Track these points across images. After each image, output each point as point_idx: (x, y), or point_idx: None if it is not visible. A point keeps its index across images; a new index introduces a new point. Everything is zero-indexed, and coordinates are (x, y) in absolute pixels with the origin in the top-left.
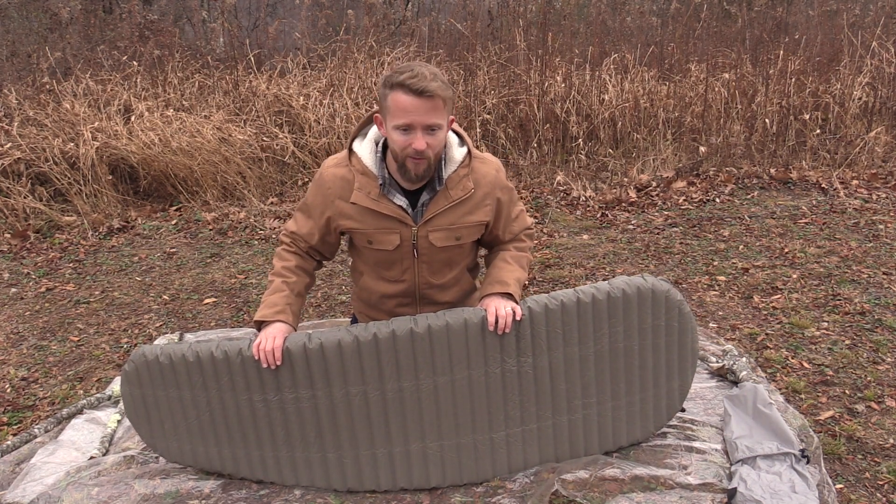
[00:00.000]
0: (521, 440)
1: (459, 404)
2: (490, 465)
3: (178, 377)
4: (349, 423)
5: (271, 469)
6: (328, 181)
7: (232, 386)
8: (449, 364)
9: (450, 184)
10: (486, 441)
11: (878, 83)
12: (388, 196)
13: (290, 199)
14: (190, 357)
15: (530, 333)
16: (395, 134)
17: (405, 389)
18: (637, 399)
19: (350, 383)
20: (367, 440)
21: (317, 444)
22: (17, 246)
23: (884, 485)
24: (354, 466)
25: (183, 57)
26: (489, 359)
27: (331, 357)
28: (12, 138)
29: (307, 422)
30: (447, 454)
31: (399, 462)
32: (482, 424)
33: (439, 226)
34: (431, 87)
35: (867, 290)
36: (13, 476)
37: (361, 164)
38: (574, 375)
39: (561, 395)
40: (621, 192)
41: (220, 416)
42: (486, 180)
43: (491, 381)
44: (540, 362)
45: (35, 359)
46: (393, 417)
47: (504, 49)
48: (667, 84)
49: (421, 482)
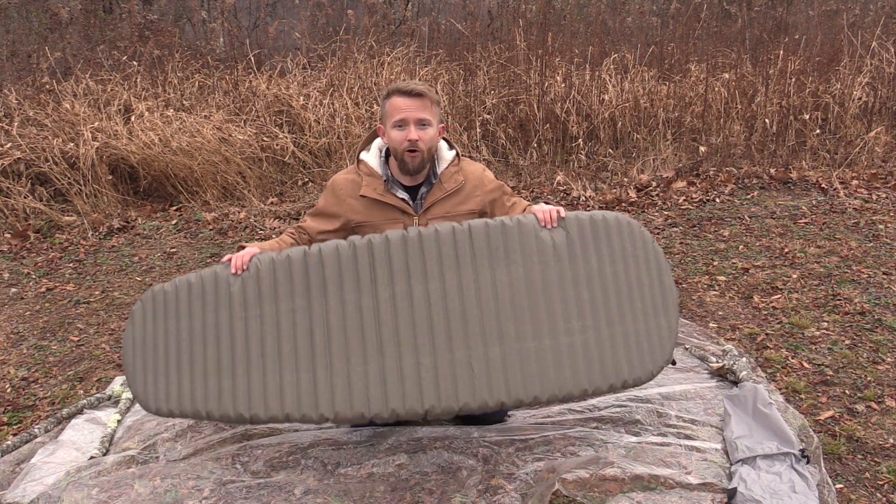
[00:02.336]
0: (519, 361)
1: (452, 312)
2: (486, 386)
3: (180, 304)
4: (342, 333)
5: (256, 398)
6: (340, 184)
7: (229, 302)
8: (439, 268)
9: (443, 178)
10: (482, 358)
11: (878, 83)
12: (392, 191)
13: (290, 199)
14: (193, 280)
15: (519, 244)
16: (394, 132)
17: (398, 295)
18: (631, 330)
19: (345, 290)
20: (360, 353)
21: (307, 360)
22: (17, 246)
23: (884, 485)
24: (344, 385)
25: (183, 57)
26: (478, 266)
27: (328, 261)
28: (12, 138)
29: (300, 335)
30: (441, 371)
31: (391, 380)
32: (475, 337)
33: (437, 214)
34: (419, 88)
35: (867, 290)
36: (13, 476)
37: (368, 167)
38: (568, 295)
39: (556, 313)
40: (621, 192)
41: (213, 342)
42: (475, 175)
43: (482, 289)
44: (532, 274)
45: (35, 359)
46: (385, 327)
47: (504, 49)
48: (667, 84)
49: (413, 404)
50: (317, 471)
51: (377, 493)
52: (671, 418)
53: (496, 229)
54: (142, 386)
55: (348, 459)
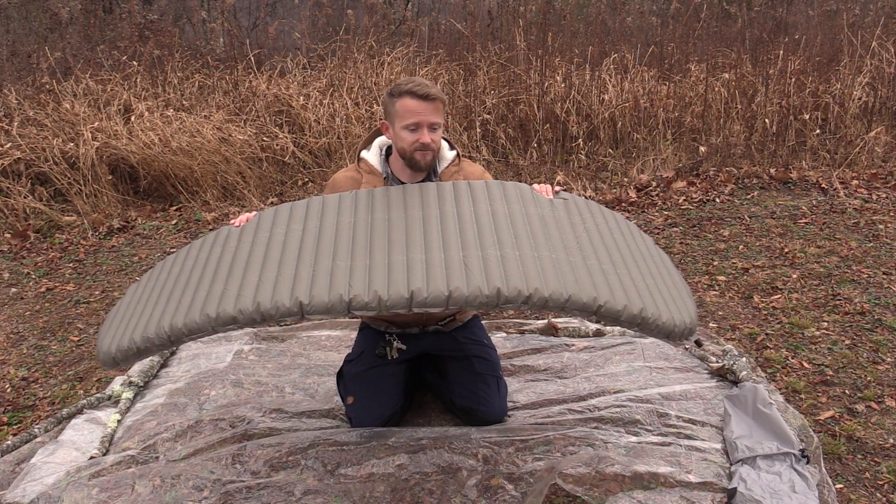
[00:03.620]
0: (519, 262)
1: (447, 229)
2: (483, 278)
3: (177, 258)
4: (331, 242)
5: (229, 297)
6: (340, 181)
7: (226, 239)
8: (437, 200)
9: (443, 177)
10: (477, 258)
11: (878, 83)
12: None
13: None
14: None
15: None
16: (404, 133)
17: (393, 218)
18: (637, 275)
19: (342, 214)
20: (346, 252)
21: (291, 262)
22: (17, 246)
23: (884, 485)
24: (326, 276)
25: (183, 57)
26: (476, 200)
27: (329, 201)
28: (12, 138)
29: (289, 245)
30: (432, 264)
31: (377, 270)
32: (471, 243)
33: None
34: (433, 92)
35: (867, 290)
36: (13, 476)
37: (369, 164)
38: (566, 231)
39: (556, 240)
40: (621, 192)
41: (199, 270)
42: (474, 175)
43: (480, 215)
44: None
45: (35, 359)
46: (378, 235)
47: (504, 49)
48: (667, 84)
49: (398, 288)
50: (317, 471)
51: (377, 494)
52: (671, 418)
53: (494, 183)
54: (108, 338)
55: (348, 460)
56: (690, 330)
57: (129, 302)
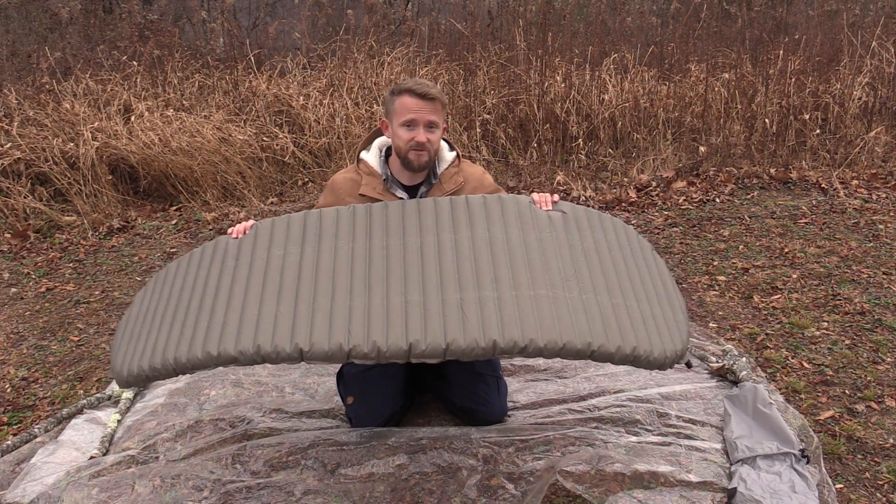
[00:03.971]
0: (516, 304)
1: (445, 262)
2: (479, 326)
3: (178, 271)
4: (329, 275)
5: (230, 333)
6: (339, 183)
7: (224, 255)
8: (435, 227)
9: (443, 178)
10: (474, 301)
11: (878, 83)
12: (391, 190)
13: (290, 199)
14: (196, 250)
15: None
16: (401, 130)
17: (391, 247)
18: (634, 304)
19: (340, 239)
20: (345, 291)
21: (289, 297)
22: (17, 246)
23: (884, 485)
24: (325, 320)
25: (183, 57)
26: (475, 226)
27: (326, 219)
28: (12, 138)
29: (287, 274)
30: (430, 309)
31: (376, 315)
32: (468, 283)
33: None
34: (432, 91)
35: (867, 290)
36: (13, 476)
37: (368, 166)
38: (565, 257)
39: (553, 270)
40: (621, 192)
41: (199, 292)
42: (474, 177)
43: (478, 244)
44: (528, 237)
45: (35, 359)
46: (376, 270)
47: (504, 49)
48: (667, 84)
49: (397, 338)
50: (317, 471)
51: (377, 494)
52: (671, 418)
53: (493, 201)
54: (120, 359)
55: (348, 460)
56: (681, 356)
57: (137, 315)
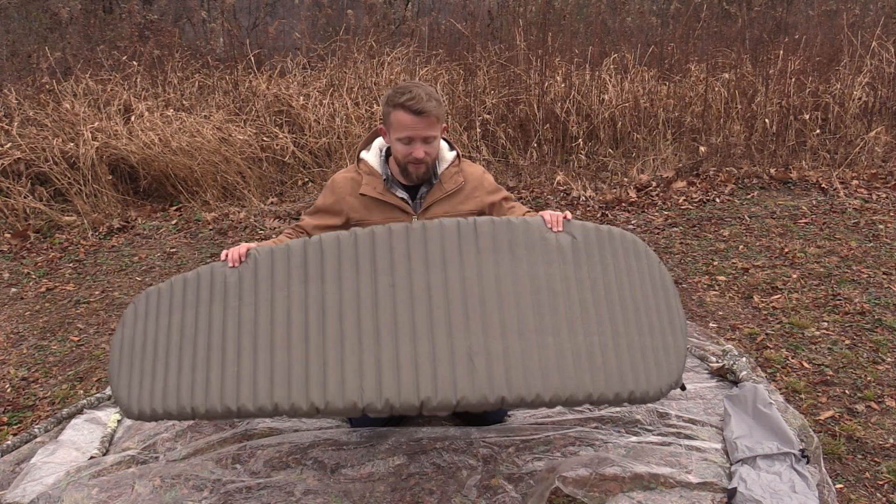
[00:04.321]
0: (521, 356)
1: (452, 303)
2: (486, 380)
3: (174, 298)
4: (337, 320)
5: (245, 388)
6: (339, 182)
7: (224, 293)
8: (442, 261)
9: (444, 178)
10: (482, 352)
11: (878, 83)
12: (392, 190)
13: (290, 199)
14: (189, 276)
15: (524, 241)
16: (398, 145)
17: (398, 285)
18: (636, 342)
19: (343, 277)
20: (355, 340)
21: (300, 347)
22: (17, 246)
23: (884, 485)
24: (337, 375)
25: (183, 57)
26: (482, 259)
27: (328, 250)
28: (12, 138)
29: (294, 321)
30: (440, 361)
31: (387, 370)
32: (476, 328)
33: (436, 214)
34: (427, 107)
35: (867, 290)
36: (13, 476)
37: (368, 166)
38: (573, 297)
39: (560, 314)
40: (621, 192)
41: (205, 332)
42: (474, 177)
43: (485, 282)
44: (536, 272)
45: (35, 359)
46: (383, 316)
47: (504, 49)
48: (667, 84)
49: (409, 395)
50: (317, 471)
51: (377, 494)
52: (671, 418)
53: (501, 226)
54: (125, 390)
55: (348, 460)
56: (675, 386)
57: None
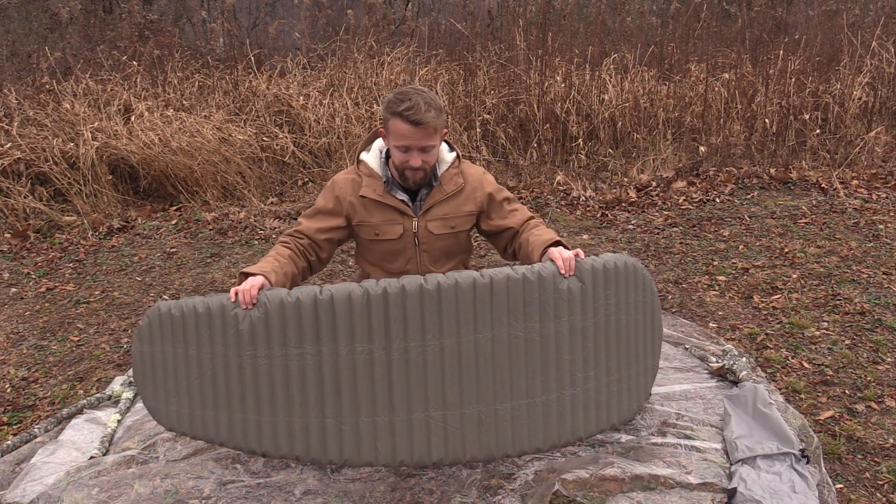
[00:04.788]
0: (526, 415)
1: (465, 370)
2: (494, 440)
3: (187, 331)
4: (352, 385)
5: (266, 436)
6: (339, 183)
7: (237, 340)
8: (456, 325)
9: (443, 180)
10: (491, 413)
11: (878, 83)
12: (392, 192)
13: (290, 199)
14: (200, 308)
15: (538, 299)
16: (396, 152)
17: (411, 350)
18: (624, 376)
19: (357, 340)
20: (369, 406)
21: (317, 407)
22: (17, 246)
23: (884, 485)
24: (353, 435)
25: (183, 57)
26: (496, 322)
27: (340, 309)
28: (12, 138)
29: (309, 381)
30: (450, 425)
31: (400, 433)
32: (487, 394)
33: (436, 216)
34: (426, 118)
35: (867, 290)
36: (13, 476)
37: (368, 167)
38: (576, 347)
39: (564, 367)
40: (621, 191)
41: (222, 376)
42: (474, 177)
43: (497, 346)
44: (547, 330)
45: (35, 359)
46: (397, 381)
47: (504, 49)
48: (667, 84)
49: (422, 456)
50: (317, 471)
51: (377, 493)
52: (671, 418)
53: (517, 284)
54: (153, 401)
55: None
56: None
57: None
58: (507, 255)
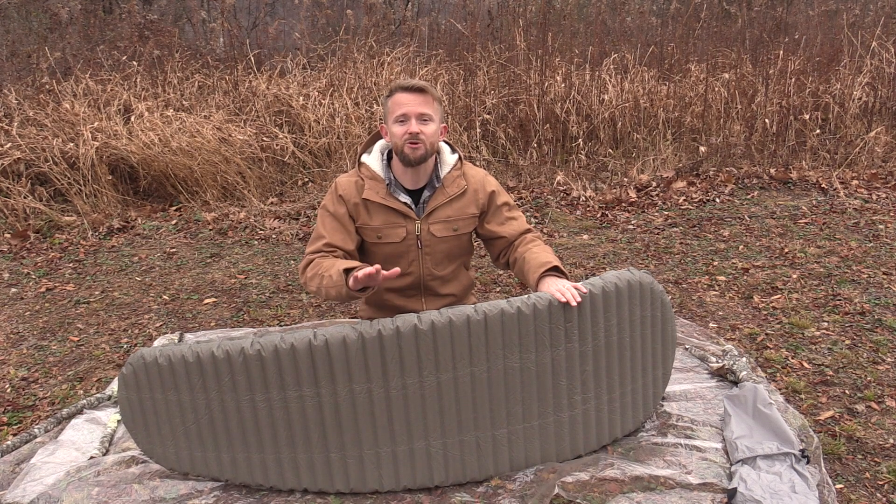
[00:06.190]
0: (523, 437)
1: (462, 401)
2: (492, 462)
3: (178, 379)
4: (353, 421)
5: (272, 472)
6: (342, 186)
7: (233, 386)
8: (452, 361)
9: (446, 182)
10: (489, 438)
11: (878, 83)
12: (394, 195)
13: (290, 199)
14: (190, 358)
15: (533, 330)
16: (395, 127)
17: (409, 387)
18: (629, 390)
19: (354, 381)
20: (371, 439)
21: (320, 444)
22: (17, 246)
23: (884, 485)
24: (358, 466)
25: (183, 57)
26: (491, 355)
27: (336, 354)
28: (12, 138)
29: (311, 421)
30: (450, 452)
31: (402, 461)
32: (484, 421)
33: (439, 218)
34: (421, 84)
35: (867, 290)
36: (13, 476)
37: (370, 170)
38: (574, 371)
39: (562, 391)
40: (621, 192)
41: (220, 419)
42: (476, 179)
43: (493, 377)
44: (542, 359)
45: (35, 359)
46: (396, 415)
47: (504, 49)
48: (667, 84)
49: (424, 481)
50: None
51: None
52: (671, 418)
53: (511, 319)
54: (147, 445)
55: None
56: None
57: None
58: (500, 263)
